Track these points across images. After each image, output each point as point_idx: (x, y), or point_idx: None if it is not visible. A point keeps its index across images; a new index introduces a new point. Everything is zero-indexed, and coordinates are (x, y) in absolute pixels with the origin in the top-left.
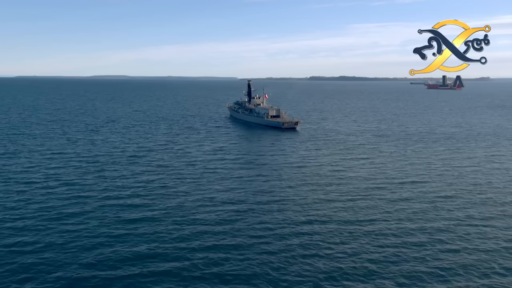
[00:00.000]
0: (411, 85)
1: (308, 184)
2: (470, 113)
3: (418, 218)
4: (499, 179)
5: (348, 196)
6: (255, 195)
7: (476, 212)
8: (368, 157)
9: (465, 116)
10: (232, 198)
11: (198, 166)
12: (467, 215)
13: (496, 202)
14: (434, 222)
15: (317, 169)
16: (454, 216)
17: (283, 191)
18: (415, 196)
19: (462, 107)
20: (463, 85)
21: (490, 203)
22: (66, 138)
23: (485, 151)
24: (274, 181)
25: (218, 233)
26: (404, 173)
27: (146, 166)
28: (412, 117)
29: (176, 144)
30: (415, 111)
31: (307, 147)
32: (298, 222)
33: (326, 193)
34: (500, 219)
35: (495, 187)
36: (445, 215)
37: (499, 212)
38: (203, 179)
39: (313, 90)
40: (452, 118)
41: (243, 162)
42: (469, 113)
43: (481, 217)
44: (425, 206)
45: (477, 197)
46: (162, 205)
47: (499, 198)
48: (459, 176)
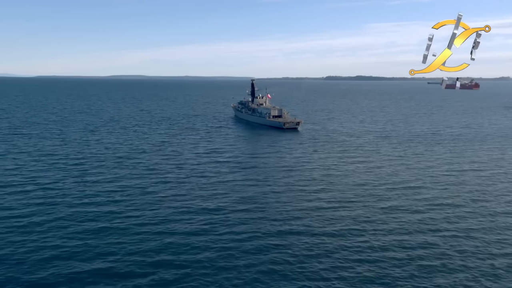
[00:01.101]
0: (428, 84)
1: (294, 189)
2: (482, 114)
3: (400, 229)
4: (497, 185)
5: (332, 204)
6: (235, 202)
7: (466, 222)
8: (364, 160)
9: (476, 116)
10: (209, 205)
11: (186, 169)
12: (456, 227)
13: (488, 211)
14: (417, 235)
15: (307, 173)
16: (442, 227)
17: (264, 197)
18: (402, 203)
19: (476, 107)
20: (474, 85)
21: (482, 212)
22: (61, 138)
23: (488, 154)
24: (258, 186)
25: (187, 244)
26: (397, 177)
27: (131, 169)
28: (420, 118)
29: (170, 145)
30: (425, 112)
31: (304, 149)
32: (273, 232)
33: (310, 200)
34: (489, 230)
35: (490, 193)
36: (430, 225)
37: (489, 222)
38: (186, 184)
39: (325, 89)
40: (463, 118)
41: (233, 165)
42: (482, 114)
43: (465, 227)
44: (410, 215)
45: (470, 205)
46: (134, 212)
47: (492, 207)
48: (455, 182)
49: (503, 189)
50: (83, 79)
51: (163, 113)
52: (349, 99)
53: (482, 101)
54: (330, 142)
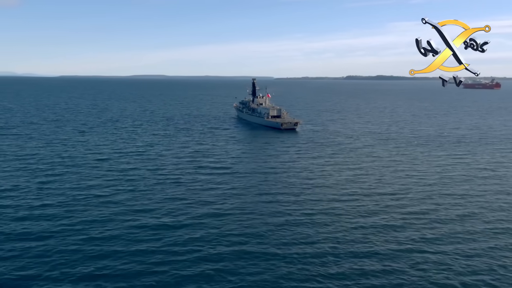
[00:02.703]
0: (448, 84)
1: (271, 194)
2: (496, 114)
3: (369, 242)
4: (490, 194)
5: (309, 210)
6: (199, 207)
7: (446, 231)
8: (354, 163)
9: (489, 117)
10: (173, 212)
11: (161, 172)
12: (432, 238)
13: (476, 218)
14: (385, 244)
15: (291, 177)
16: (419, 238)
17: (231, 203)
18: (378, 210)
19: (491, 107)
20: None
21: (471, 219)
22: (48, 140)
23: (489, 158)
24: (232, 190)
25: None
26: (383, 183)
27: (105, 171)
28: (430, 119)
29: (155, 147)
30: (437, 112)
31: (297, 151)
32: (234, 243)
33: (285, 205)
34: (466, 243)
35: (482, 201)
36: (401, 238)
37: (465, 233)
38: (153, 189)
39: (341, 89)
40: (473, 119)
41: (214, 168)
42: (496, 114)
43: (436, 243)
44: (383, 225)
45: (454, 212)
46: (81, 219)
47: (483, 214)
48: (445, 187)
49: (494, 199)
50: (104, 79)
51: (165, 113)
52: (362, 99)
53: (502, 101)
54: (324, 144)
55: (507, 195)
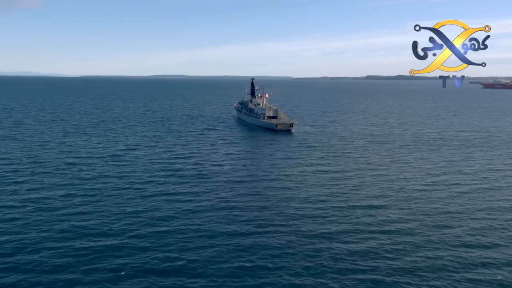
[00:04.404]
0: (470, 84)
1: (242, 202)
2: (509, 115)
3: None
4: (478, 205)
5: (275, 221)
6: (156, 220)
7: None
8: (336, 169)
9: (502, 118)
10: (127, 223)
11: (130, 178)
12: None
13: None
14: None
15: (270, 183)
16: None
17: (199, 211)
18: (341, 217)
19: (505, 108)
20: None
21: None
22: (30, 141)
23: (485, 164)
24: (199, 197)
25: None
26: (359, 191)
27: (74, 173)
28: (437, 120)
29: (137, 149)
30: (447, 113)
31: (283, 156)
32: None
33: (249, 212)
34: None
35: (457, 217)
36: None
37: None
38: (117, 197)
39: (354, 89)
40: (483, 120)
41: (191, 174)
42: (509, 115)
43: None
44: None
45: (436, 234)
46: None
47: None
48: (425, 198)
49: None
50: (124, 79)
51: (166, 113)
52: (374, 99)
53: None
54: (314, 147)
55: (490, 210)
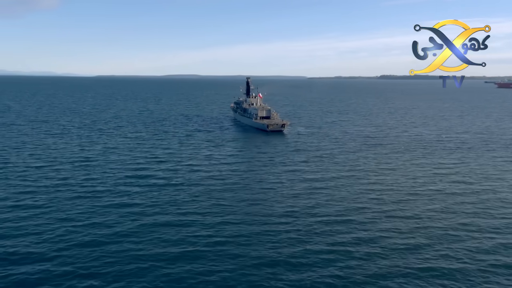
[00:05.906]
0: (485, 84)
1: (212, 207)
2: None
3: None
4: (465, 211)
5: (254, 225)
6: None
7: None
8: (316, 174)
9: (509, 119)
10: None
11: (93, 182)
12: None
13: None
14: None
15: (246, 187)
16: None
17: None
18: (314, 223)
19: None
20: None
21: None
22: (7, 143)
23: (480, 168)
24: (161, 202)
25: None
26: (335, 197)
27: (34, 178)
28: (440, 121)
29: (116, 151)
30: (452, 113)
31: (269, 159)
32: None
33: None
34: None
35: (439, 230)
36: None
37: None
38: (72, 202)
39: (364, 88)
40: (488, 121)
41: (158, 178)
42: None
43: None
44: None
45: (412, 241)
46: None
47: None
48: (405, 205)
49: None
50: (137, 79)
51: (160, 114)
52: (382, 99)
53: None
54: (301, 150)
55: (476, 218)
